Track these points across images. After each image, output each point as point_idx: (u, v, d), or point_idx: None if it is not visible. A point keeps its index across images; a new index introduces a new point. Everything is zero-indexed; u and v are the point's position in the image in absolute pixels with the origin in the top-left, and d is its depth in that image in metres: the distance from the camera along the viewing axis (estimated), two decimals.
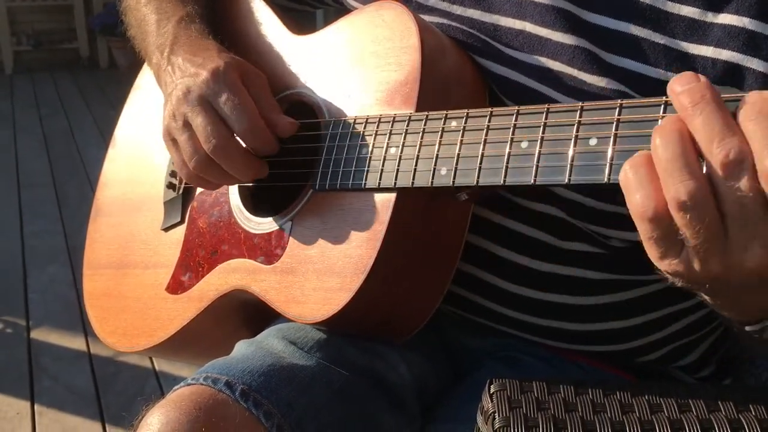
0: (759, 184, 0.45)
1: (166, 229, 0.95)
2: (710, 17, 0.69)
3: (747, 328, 0.60)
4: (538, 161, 0.59)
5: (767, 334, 0.61)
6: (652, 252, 0.51)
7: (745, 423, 0.55)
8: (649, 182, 0.49)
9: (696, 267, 0.49)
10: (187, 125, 0.78)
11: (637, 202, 0.49)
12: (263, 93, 0.80)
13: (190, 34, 0.87)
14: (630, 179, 0.50)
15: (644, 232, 0.50)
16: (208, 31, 0.88)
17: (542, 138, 0.60)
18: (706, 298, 0.55)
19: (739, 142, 0.46)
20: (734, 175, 0.46)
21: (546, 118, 0.60)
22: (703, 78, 0.49)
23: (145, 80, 1.09)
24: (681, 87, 0.49)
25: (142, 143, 1.05)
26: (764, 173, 0.45)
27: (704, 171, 0.47)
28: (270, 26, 0.92)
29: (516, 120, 0.62)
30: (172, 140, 0.81)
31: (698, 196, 0.47)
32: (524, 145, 0.60)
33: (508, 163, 0.61)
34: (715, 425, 0.55)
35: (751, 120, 0.46)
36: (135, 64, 1.12)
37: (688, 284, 0.52)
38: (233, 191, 0.88)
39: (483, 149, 0.63)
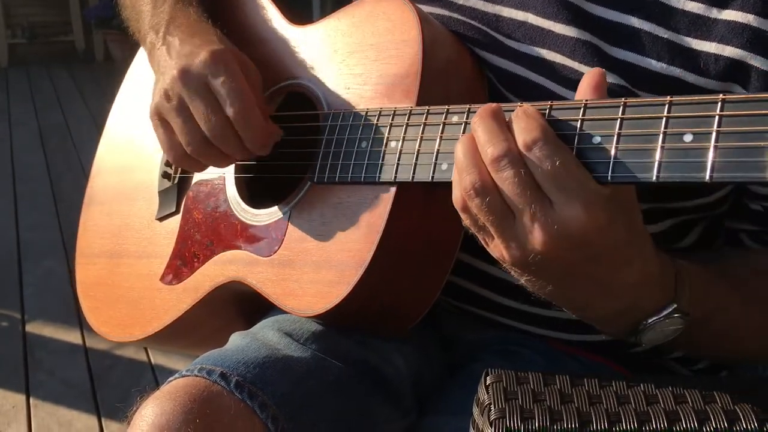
0: (521, 170, 0.54)
1: (161, 219, 0.94)
2: (715, 13, 0.69)
3: (628, 340, 0.65)
4: None
5: (647, 337, 0.64)
6: (479, 239, 0.60)
7: (741, 414, 0.55)
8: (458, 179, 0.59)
9: (504, 251, 0.57)
10: (182, 107, 0.77)
11: (454, 195, 0.59)
12: (257, 89, 0.79)
13: (188, 15, 0.85)
14: (454, 177, 0.60)
15: (463, 221, 0.60)
16: (206, 17, 0.86)
17: None
18: (541, 291, 0.61)
19: (505, 141, 0.56)
20: (500, 167, 0.55)
21: (549, 115, 0.59)
22: (494, 104, 0.59)
23: (138, 68, 1.08)
24: (477, 110, 0.60)
25: (136, 132, 1.04)
26: (521, 148, 0.55)
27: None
28: (268, 15, 0.91)
29: None
30: (161, 120, 0.79)
31: (477, 185, 0.56)
32: None
33: None
34: (711, 416, 0.55)
35: (513, 121, 0.57)
36: (131, 56, 1.11)
37: (512, 269, 0.60)
38: (230, 182, 0.88)
39: None
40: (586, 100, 0.56)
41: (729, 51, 0.68)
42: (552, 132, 0.55)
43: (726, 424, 0.54)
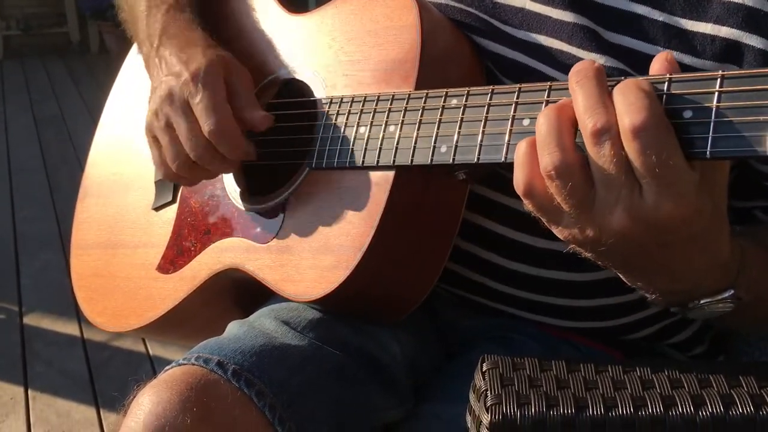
0: (621, 151, 0.50)
1: (157, 209, 0.94)
2: None
3: (672, 310, 0.64)
4: None
5: (692, 314, 0.63)
6: (544, 221, 0.57)
7: (737, 398, 0.55)
8: (529, 160, 0.55)
9: (576, 231, 0.55)
10: (169, 127, 0.79)
11: (516, 178, 0.56)
12: (243, 90, 0.80)
13: (180, 25, 0.87)
14: (517, 157, 0.56)
15: (526, 205, 0.57)
16: (198, 21, 0.87)
17: None
18: (607, 265, 0.60)
19: (607, 114, 0.51)
20: (599, 142, 0.51)
21: (548, 96, 0.59)
22: (596, 63, 0.54)
23: (133, 61, 1.08)
24: (574, 69, 0.55)
25: (131, 124, 1.04)
26: (624, 132, 0.50)
27: (576, 140, 0.53)
28: (265, 4, 0.91)
29: (518, 98, 0.61)
30: (153, 138, 0.82)
31: (561, 166, 0.52)
32: (526, 122, 0.60)
33: (509, 140, 0.61)
34: (707, 401, 0.55)
35: (616, 93, 0.52)
36: (126, 48, 1.10)
37: (579, 249, 0.58)
38: None
39: (484, 126, 0.63)
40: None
41: (725, 31, 0.68)
42: (661, 112, 0.51)
43: (722, 409, 0.54)
